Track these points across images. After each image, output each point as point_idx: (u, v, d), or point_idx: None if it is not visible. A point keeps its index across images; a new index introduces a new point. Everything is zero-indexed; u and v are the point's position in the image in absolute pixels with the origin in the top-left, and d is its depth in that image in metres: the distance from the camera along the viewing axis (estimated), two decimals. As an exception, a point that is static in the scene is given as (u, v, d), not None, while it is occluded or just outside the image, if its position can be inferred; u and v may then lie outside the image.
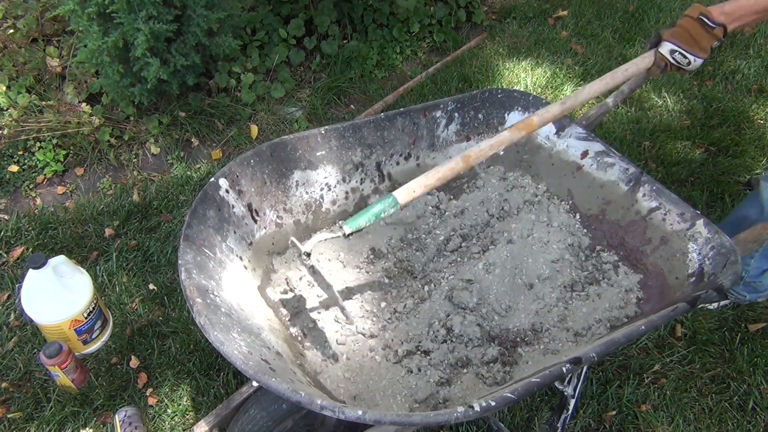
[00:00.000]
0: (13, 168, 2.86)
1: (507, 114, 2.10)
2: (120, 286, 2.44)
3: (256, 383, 1.77)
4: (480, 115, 2.08)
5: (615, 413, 2.08)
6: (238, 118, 3.21)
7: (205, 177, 2.93)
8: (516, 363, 1.64)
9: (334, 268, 1.84)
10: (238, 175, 1.69)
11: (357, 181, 1.94)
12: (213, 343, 1.25)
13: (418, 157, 2.03)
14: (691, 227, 1.70)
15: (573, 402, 1.65)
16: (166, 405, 2.08)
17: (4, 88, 2.91)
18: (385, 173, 1.99)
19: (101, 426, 2.02)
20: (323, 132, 1.85)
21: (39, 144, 2.88)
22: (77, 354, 2.17)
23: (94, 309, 2.17)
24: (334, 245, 1.88)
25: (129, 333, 2.28)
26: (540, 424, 2.05)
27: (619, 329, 1.57)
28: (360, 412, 1.15)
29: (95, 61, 2.69)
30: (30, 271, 2.05)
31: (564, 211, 1.99)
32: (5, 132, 2.85)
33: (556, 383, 1.59)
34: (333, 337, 1.67)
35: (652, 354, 2.26)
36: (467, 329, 1.68)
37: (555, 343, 1.67)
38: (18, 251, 2.56)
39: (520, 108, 2.09)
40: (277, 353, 1.42)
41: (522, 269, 1.82)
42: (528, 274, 1.81)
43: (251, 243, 1.71)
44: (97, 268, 2.49)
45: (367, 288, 1.82)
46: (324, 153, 1.86)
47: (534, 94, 2.12)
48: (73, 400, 2.08)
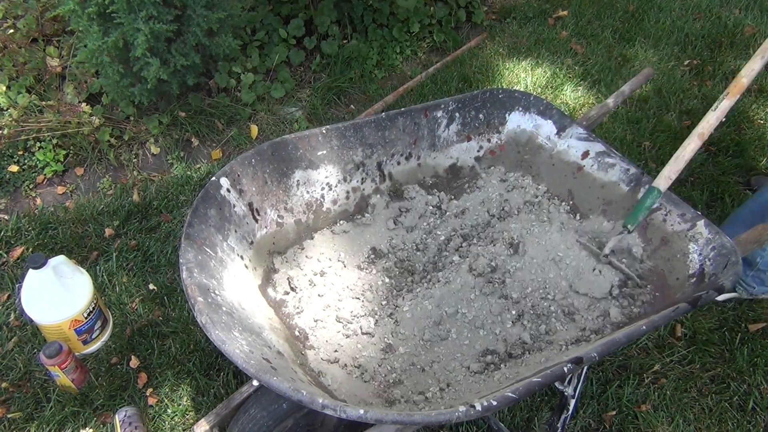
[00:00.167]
0: (13, 168, 2.85)
1: (508, 114, 2.10)
2: (120, 286, 2.44)
3: (256, 382, 1.78)
4: (481, 115, 2.08)
5: (615, 413, 2.08)
6: (238, 118, 3.21)
7: (205, 177, 2.93)
8: (514, 365, 1.64)
9: (334, 267, 1.84)
10: (239, 174, 1.69)
11: (358, 181, 1.94)
12: (214, 342, 1.24)
13: (419, 157, 2.03)
14: (692, 228, 1.70)
15: (573, 402, 1.65)
16: (166, 405, 2.08)
17: (4, 88, 2.91)
18: (386, 173, 1.99)
19: (101, 426, 2.02)
20: (324, 131, 1.85)
21: (39, 144, 2.88)
22: (77, 354, 2.17)
23: (94, 309, 2.17)
24: (335, 245, 1.88)
25: (129, 333, 2.28)
26: (540, 424, 2.05)
27: (621, 329, 1.57)
28: (361, 411, 1.15)
29: (95, 61, 2.69)
30: (30, 271, 2.05)
31: (564, 212, 1.99)
32: (5, 132, 2.85)
33: (556, 383, 1.59)
34: (334, 337, 1.67)
35: (652, 354, 2.26)
36: (467, 330, 1.68)
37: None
38: (18, 251, 2.56)
39: (521, 108, 2.09)
40: (278, 352, 1.42)
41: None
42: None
43: (252, 242, 1.71)
44: (97, 268, 2.49)
45: (368, 287, 1.82)
46: (325, 152, 1.86)
47: (535, 94, 2.12)
48: (73, 400, 2.07)
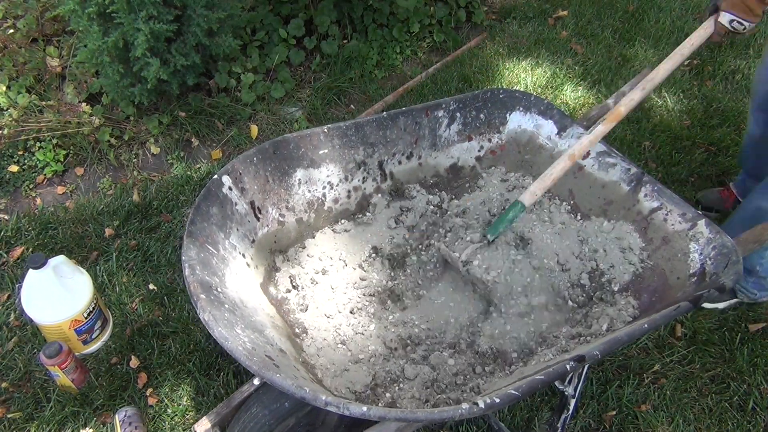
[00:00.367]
0: (13, 168, 2.85)
1: (509, 114, 2.10)
2: (120, 286, 2.43)
3: (257, 381, 1.78)
4: (482, 115, 2.08)
5: (615, 413, 2.08)
6: (238, 118, 3.21)
7: (205, 177, 2.93)
8: (512, 364, 1.64)
9: (336, 266, 1.84)
10: (241, 173, 1.69)
11: (359, 180, 1.94)
12: (217, 339, 1.24)
13: (420, 157, 2.03)
14: (693, 227, 1.71)
15: (573, 402, 1.65)
16: (166, 405, 2.08)
17: (4, 88, 2.91)
18: (387, 172, 1.99)
19: (101, 426, 2.02)
20: (326, 130, 1.85)
21: (39, 144, 2.88)
22: (77, 354, 2.17)
23: (94, 309, 2.17)
24: (336, 244, 1.88)
25: (129, 333, 2.27)
26: (540, 424, 2.05)
27: (622, 328, 1.58)
28: (365, 408, 1.15)
29: (95, 61, 2.69)
30: (30, 271, 2.04)
31: (565, 212, 1.99)
32: (5, 132, 2.84)
33: (556, 383, 1.59)
34: (335, 335, 1.66)
35: (652, 354, 2.26)
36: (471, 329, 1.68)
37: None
38: (18, 251, 2.55)
39: (521, 108, 2.09)
40: (281, 350, 1.42)
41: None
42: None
43: (254, 240, 1.71)
44: (97, 268, 2.48)
45: (369, 287, 1.82)
46: (326, 151, 1.86)
47: (535, 94, 2.12)
48: (73, 400, 2.07)
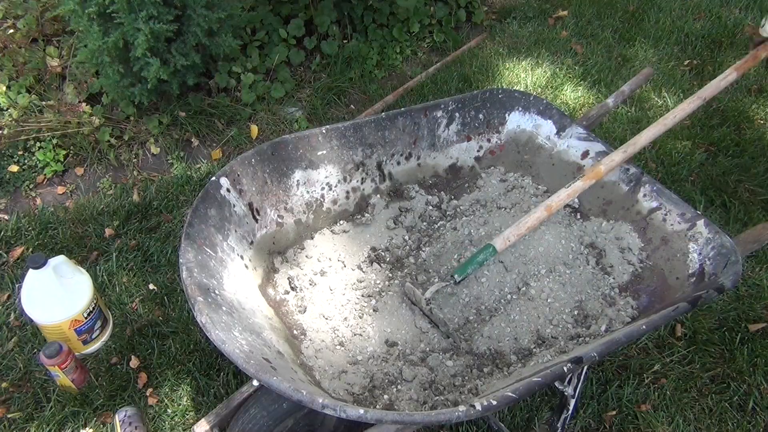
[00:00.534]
0: (13, 168, 2.85)
1: (508, 114, 2.10)
2: (120, 286, 2.44)
3: (257, 382, 1.78)
4: (481, 115, 2.08)
5: (615, 413, 2.08)
6: (238, 118, 3.20)
7: (205, 177, 2.93)
8: (510, 365, 1.64)
9: (334, 267, 1.84)
10: (239, 174, 1.69)
11: (358, 181, 1.94)
12: (214, 342, 1.25)
13: (419, 157, 2.03)
14: (692, 227, 1.70)
15: (573, 402, 1.65)
16: (166, 405, 2.08)
17: (4, 88, 2.91)
18: (386, 173, 1.99)
19: (101, 426, 2.02)
20: (324, 131, 1.85)
21: (39, 144, 2.88)
22: (77, 354, 2.17)
23: (94, 309, 2.17)
24: (335, 245, 1.88)
25: (129, 333, 2.27)
26: (540, 424, 2.05)
27: (620, 329, 1.57)
28: (361, 410, 1.15)
29: (95, 61, 2.69)
30: (30, 271, 2.05)
31: (565, 212, 1.99)
32: (5, 132, 2.84)
33: (556, 383, 1.59)
34: (334, 337, 1.67)
35: (652, 354, 2.25)
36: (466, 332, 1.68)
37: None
38: (18, 251, 2.56)
39: (520, 108, 2.09)
40: (278, 352, 1.42)
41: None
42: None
43: (252, 242, 1.71)
44: (97, 268, 2.49)
45: (368, 288, 1.82)
46: (325, 152, 1.86)
47: (534, 94, 2.12)
48: (73, 400, 2.07)
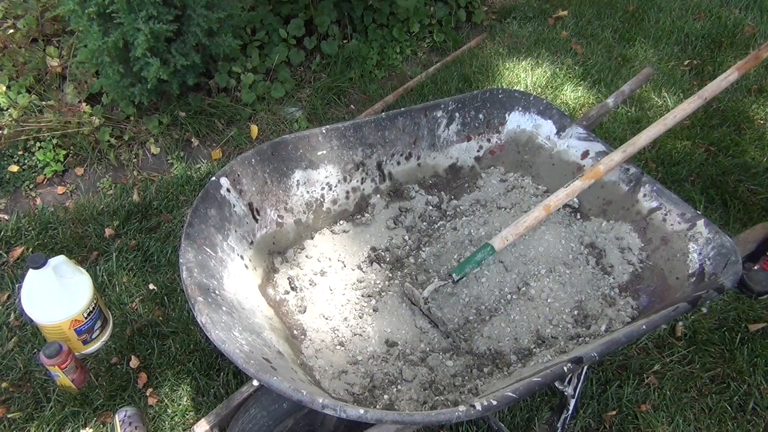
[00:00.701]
0: (13, 168, 2.85)
1: (508, 114, 2.10)
2: (120, 286, 2.44)
3: (256, 382, 1.78)
4: (481, 115, 2.08)
5: (615, 413, 2.08)
6: (238, 118, 3.20)
7: (205, 177, 2.93)
8: (510, 365, 1.64)
9: (334, 267, 1.84)
10: (239, 174, 1.69)
11: (358, 181, 1.94)
12: (214, 342, 1.24)
13: (419, 157, 2.03)
14: (692, 227, 1.70)
15: (573, 402, 1.65)
16: (166, 405, 2.08)
17: (4, 88, 2.91)
18: (386, 173, 1.99)
19: (101, 426, 2.02)
20: (324, 131, 1.85)
21: (39, 144, 2.88)
22: (77, 354, 2.17)
23: (94, 309, 2.17)
24: (335, 245, 1.88)
25: (129, 333, 2.27)
26: (540, 424, 2.05)
27: (620, 329, 1.57)
28: (361, 410, 1.15)
29: (95, 61, 2.69)
30: (30, 271, 2.05)
31: (564, 212, 1.99)
32: (5, 132, 2.84)
33: (556, 383, 1.59)
34: (334, 337, 1.67)
35: (652, 354, 2.25)
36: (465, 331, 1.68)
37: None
38: (18, 251, 2.56)
39: (520, 108, 2.09)
40: (278, 352, 1.42)
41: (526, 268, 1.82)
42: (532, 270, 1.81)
43: (252, 242, 1.71)
44: (97, 268, 2.49)
45: (368, 288, 1.82)
46: (325, 152, 1.86)
47: (534, 94, 2.12)
48: (73, 400, 2.07)
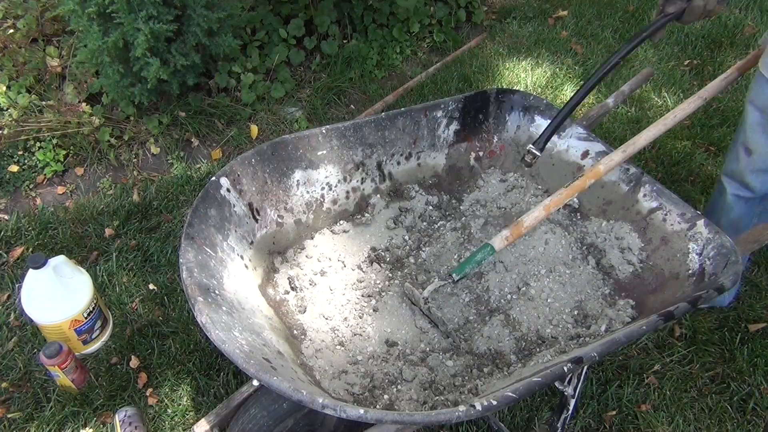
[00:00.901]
0: (13, 168, 2.85)
1: (508, 114, 2.10)
2: (120, 286, 2.44)
3: (257, 382, 1.78)
4: (480, 116, 2.08)
5: (615, 413, 2.08)
6: (238, 118, 3.21)
7: (205, 177, 2.93)
8: (510, 365, 1.64)
9: (335, 267, 1.84)
10: (239, 174, 1.69)
11: (358, 181, 1.94)
12: (214, 342, 1.25)
13: (419, 157, 2.03)
14: (692, 227, 1.70)
15: (573, 402, 1.65)
16: (166, 405, 2.08)
17: (4, 88, 2.91)
18: (386, 173, 1.99)
19: (101, 426, 2.02)
20: (324, 131, 1.85)
21: (39, 144, 2.88)
22: (77, 354, 2.17)
23: (94, 309, 2.17)
24: (335, 245, 1.88)
25: (129, 333, 2.27)
26: (540, 424, 2.05)
27: (620, 329, 1.57)
28: (361, 410, 1.15)
29: (95, 61, 2.69)
30: (30, 271, 2.05)
31: (564, 212, 1.99)
32: (5, 132, 2.85)
33: (556, 383, 1.59)
34: (334, 337, 1.67)
35: (652, 354, 2.26)
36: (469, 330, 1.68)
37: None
38: (18, 251, 2.56)
39: (520, 108, 2.09)
40: (279, 352, 1.42)
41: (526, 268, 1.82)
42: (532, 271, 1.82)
43: (252, 242, 1.71)
44: (97, 268, 2.49)
45: (368, 288, 1.82)
46: (325, 152, 1.86)
47: (534, 94, 2.12)
48: (73, 400, 2.07)
